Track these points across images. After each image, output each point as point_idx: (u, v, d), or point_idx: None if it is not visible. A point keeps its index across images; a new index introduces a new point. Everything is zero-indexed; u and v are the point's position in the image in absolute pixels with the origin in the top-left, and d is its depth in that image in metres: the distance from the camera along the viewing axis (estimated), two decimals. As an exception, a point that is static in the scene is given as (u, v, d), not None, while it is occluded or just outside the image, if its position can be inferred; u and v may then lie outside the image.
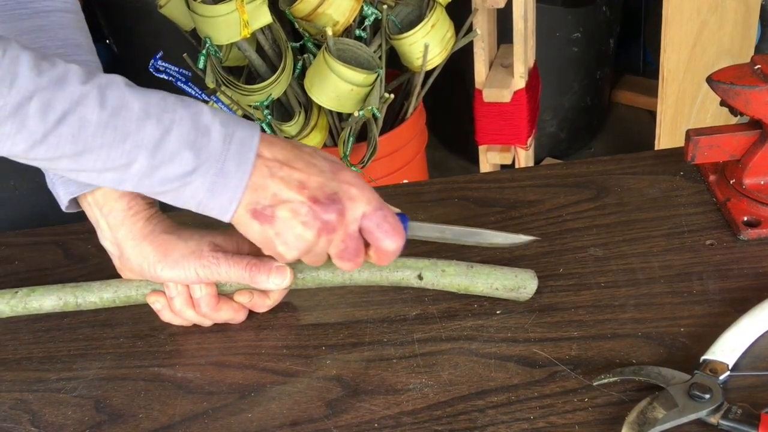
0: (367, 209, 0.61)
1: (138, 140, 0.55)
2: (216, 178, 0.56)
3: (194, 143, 0.56)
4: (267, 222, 0.59)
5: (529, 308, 0.67)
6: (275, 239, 0.60)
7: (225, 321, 0.69)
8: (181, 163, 0.56)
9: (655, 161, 0.81)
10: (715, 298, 0.65)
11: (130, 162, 0.55)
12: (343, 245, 0.61)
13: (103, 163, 0.55)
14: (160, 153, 0.55)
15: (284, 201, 0.58)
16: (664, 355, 0.61)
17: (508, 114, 1.68)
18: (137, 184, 0.57)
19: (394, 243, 0.62)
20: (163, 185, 0.56)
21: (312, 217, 0.59)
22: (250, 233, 0.60)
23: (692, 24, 1.64)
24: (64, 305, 0.70)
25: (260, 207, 0.58)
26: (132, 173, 0.56)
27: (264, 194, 0.58)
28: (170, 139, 0.55)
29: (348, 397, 0.62)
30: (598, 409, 0.57)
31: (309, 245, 0.60)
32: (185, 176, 0.56)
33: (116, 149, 0.54)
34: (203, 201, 0.57)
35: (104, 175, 0.56)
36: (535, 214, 0.77)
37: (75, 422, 0.63)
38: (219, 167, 0.56)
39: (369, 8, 1.42)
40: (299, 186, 0.59)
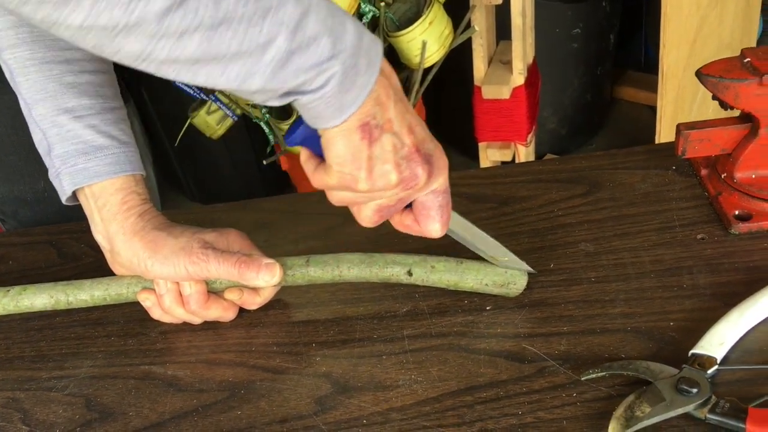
0: (441, 186, 0.60)
1: (279, 18, 0.48)
2: (350, 71, 0.52)
3: (332, 30, 0.51)
4: (368, 140, 0.54)
5: (519, 304, 0.67)
6: (362, 162, 0.55)
7: (215, 319, 0.69)
8: (318, 50, 0.50)
9: (647, 156, 0.81)
10: (706, 292, 0.64)
11: (269, 42, 0.49)
12: (395, 202, 0.59)
13: (239, 42, 0.48)
14: (299, 35, 0.49)
15: (394, 132, 0.55)
16: (654, 350, 0.60)
17: (508, 111, 1.67)
18: (269, 77, 0.50)
19: (440, 231, 0.62)
20: (296, 76, 0.50)
21: (407, 162, 0.56)
22: (341, 144, 0.55)
23: (692, 19, 1.63)
24: (56, 303, 0.70)
25: (373, 123, 0.54)
26: (266, 60, 0.49)
27: (382, 113, 0.55)
28: (309, 21, 0.50)
29: (337, 393, 0.62)
30: (586, 404, 0.57)
31: (385, 186, 0.56)
32: (321, 63, 0.50)
33: (256, 25, 0.48)
34: (328, 94, 0.52)
35: (233, 65, 0.49)
36: (527, 209, 0.77)
37: (66, 420, 0.63)
38: (353, 61, 0.52)
39: (366, 5, 1.42)
40: (409, 128, 0.56)
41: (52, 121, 0.66)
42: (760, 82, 0.66)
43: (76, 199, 0.68)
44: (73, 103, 0.66)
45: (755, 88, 0.66)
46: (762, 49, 0.68)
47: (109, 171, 0.66)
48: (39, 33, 0.66)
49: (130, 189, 0.67)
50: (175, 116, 1.75)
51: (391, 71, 0.56)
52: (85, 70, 0.67)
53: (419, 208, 0.61)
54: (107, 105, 0.68)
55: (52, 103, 0.66)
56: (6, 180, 0.95)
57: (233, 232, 0.68)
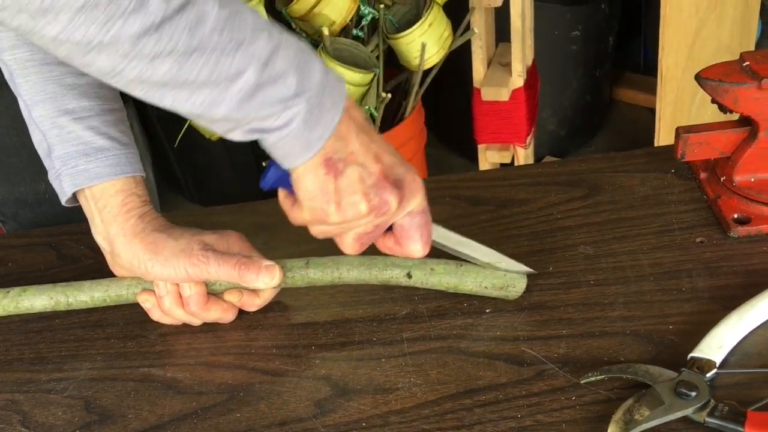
0: (417, 207, 0.61)
1: (251, 51, 0.50)
2: (314, 110, 0.53)
3: (299, 67, 0.52)
4: (333, 174, 0.56)
5: (519, 307, 0.67)
6: (330, 195, 0.57)
7: (214, 320, 0.69)
8: (284, 86, 0.52)
9: (647, 159, 0.81)
10: (704, 295, 0.65)
11: (238, 74, 0.50)
12: (372, 229, 0.60)
13: (210, 71, 0.49)
14: (268, 69, 0.51)
15: (359, 163, 0.57)
16: (653, 353, 0.60)
17: (507, 113, 1.67)
18: (234, 107, 0.51)
19: (422, 251, 0.63)
20: (261, 109, 0.52)
21: (375, 191, 0.57)
22: (309, 180, 0.57)
23: (691, 22, 1.63)
24: (56, 305, 0.70)
25: (336, 157, 0.56)
26: (233, 90, 0.50)
27: (344, 147, 0.56)
28: (279, 58, 0.51)
29: (336, 396, 0.62)
30: (585, 408, 0.57)
31: (356, 216, 0.58)
32: (287, 100, 0.52)
33: (228, 56, 0.49)
34: (293, 132, 0.53)
35: (201, 92, 0.50)
36: (526, 212, 0.77)
37: (65, 423, 0.63)
38: (318, 99, 0.53)
39: (366, 8, 1.42)
40: (375, 157, 0.57)
41: (52, 123, 0.66)
42: (759, 86, 0.66)
43: (75, 200, 0.68)
44: (73, 104, 0.66)
45: (754, 92, 0.67)
46: (761, 52, 0.69)
47: (110, 172, 0.66)
48: None
49: (130, 191, 0.67)
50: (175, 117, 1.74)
51: (352, 105, 0.58)
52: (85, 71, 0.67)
53: (399, 231, 0.62)
54: (107, 106, 0.68)
55: (52, 104, 0.66)
56: (6, 181, 0.95)
57: (233, 234, 0.68)
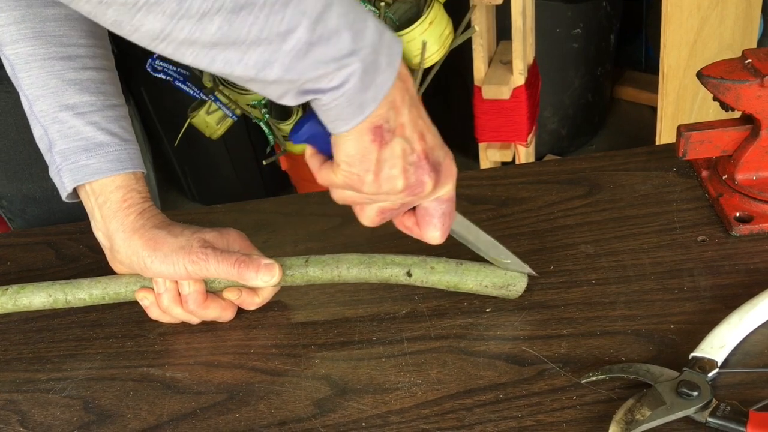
0: (446, 194, 0.60)
1: (301, 7, 0.48)
2: (369, 68, 0.51)
3: (353, 25, 0.50)
4: (378, 143, 0.54)
5: (519, 306, 0.66)
6: (371, 164, 0.55)
7: (213, 318, 0.69)
8: (338, 44, 0.50)
9: (648, 157, 0.80)
10: (706, 294, 0.64)
11: (289, 31, 0.48)
12: (398, 206, 0.59)
13: (260, 28, 0.47)
14: (320, 26, 0.49)
15: (405, 137, 0.55)
16: (654, 353, 0.60)
17: (508, 111, 1.67)
18: (287, 66, 0.49)
19: (440, 238, 0.62)
20: (315, 68, 0.50)
21: (415, 169, 0.56)
22: (351, 144, 0.54)
23: (692, 20, 1.62)
24: (54, 302, 0.70)
25: (386, 126, 0.54)
26: (286, 49, 0.48)
27: (395, 117, 0.54)
28: (331, 14, 0.49)
29: (336, 396, 0.61)
30: (586, 407, 0.57)
31: (391, 190, 0.56)
32: (342, 58, 0.50)
33: (277, 13, 0.47)
34: (349, 92, 0.51)
35: (252, 52, 0.48)
36: (527, 211, 0.77)
37: (63, 422, 0.63)
38: (374, 57, 0.51)
39: (366, 5, 1.41)
40: (420, 135, 0.56)
41: (54, 118, 0.66)
42: (762, 84, 0.66)
43: (76, 195, 0.68)
44: (74, 99, 0.66)
45: (756, 90, 0.66)
46: (763, 50, 0.68)
47: (110, 168, 0.66)
48: (41, 29, 0.66)
49: (130, 186, 0.66)
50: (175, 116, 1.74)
51: (407, 75, 0.56)
52: (87, 66, 0.67)
53: (422, 214, 0.61)
54: (109, 102, 0.68)
55: (54, 99, 0.66)
56: (14, 178, 0.95)
57: (233, 232, 0.68)
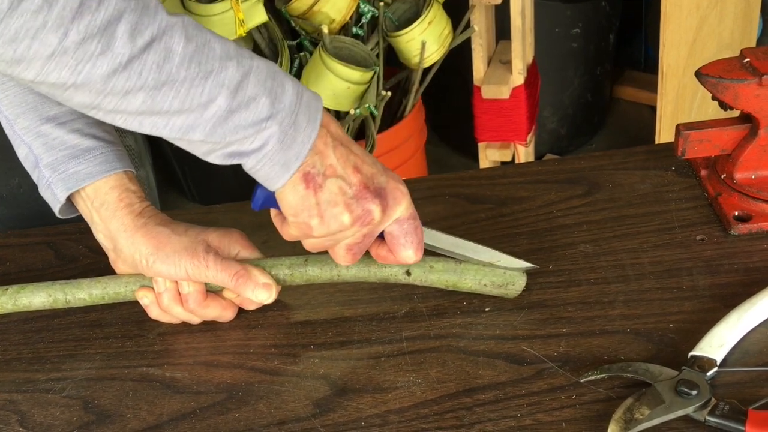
0: (403, 214, 0.62)
1: (220, 79, 0.53)
2: (289, 130, 0.55)
3: (271, 91, 0.55)
4: (313, 189, 0.57)
5: (518, 305, 0.66)
6: (312, 209, 0.58)
7: (213, 318, 0.69)
8: (257, 109, 0.54)
9: (647, 156, 0.80)
10: (705, 293, 0.64)
11: (209, 101, 0.53)
12: (360, 239, 0.61)
13: (181, 101, 0.52)
14: (240, 94, 0.53)
15: (338, 175, 0.58)
16: (653, 352, 0.60)
17: (507, 110, 1.67)
18: (209, 131, 0.54)
19: (414, 256, 0.63)
20: (235, 132, 0.54)
21: (357, 202, 0.58)
22: (290, 197, 0.58)
23: (692, 19, 1.63)
24: (54, 302, 0.70)
25: (314, 172, 0.57)
26: (207, 116, 0.53)
27: (322, 161, 0.57)
28: (249, 83, 0.54)
29: (335, 396, 0.62)
30: (585, 407, 0.57)
31: (340, 227, 0.59)
32: (260, 122, 0.54)
33: (197, 86, 0.52)
34: (270, 153, 0.55)
35: (176, 119, 0.53)
36: (526, 210, 0.77)
37: (63, 423, 0.63)
38: (292, 119, 0.55)
39: (365, 6, 1.41)
40: (354, 168, 0.59)
41: (36, 132, 0.66)
42: (760, 83, 0.66)
43: (70, 209, 0.68)
44: (54, 111, 0.66)
45: (755, 89, 0.66)
46: (762, 49, 0.68)
47: (100, 171, 0.66)
48: None
49: (124, 186, 0.67)
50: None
51: (329, 120, 0.59)
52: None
53: (389, 239, 0.63)
54: None
55: (34, 113, 0.66)
56: None
57: (235, 233, 0.68)
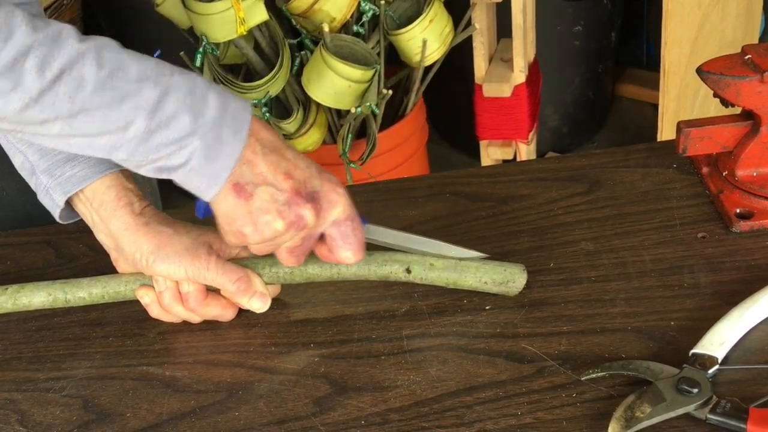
0: (340, 216, 0.62)
1: (136, 102, 0.53)
2: (212, 144, 0.56)
3: (192, 107, 0.55)
4: (244, 198, 0.58)
5: (519, 303, 0.66)
6: (245, 218, 0.59)
7: (214, 317, 0.69)
8: (178, 127, 0.55)
9: (648, 154, 0.80)
10: (706, 291, 0.64)
11: (128, 124, 0.54)
12: (300, 242, 0.62)
13: (100, 126, 0.53)
14: (158, 115, 0.54)
15: (268, 183, 0.58)
16: (654, 350, 0.60)
17: (509, 109, 1.67)
18: (132, 150, 0.55)
19: (354, 257, 0.64)
20: (158, 150, 0.55)
21: (289, 208, 0.59)
22: (222, 206, 0.59)
23: (693, 17, 1.62)
24: (53, 301, 0.70)
25: (243, 181, 0.58)
26: (128, 137, 0.54)
27: (251, 170, 0.58)
28: (168, 102, 0.54)
29: (335, 394, 0.61)
30: (586, 405, 0.57)
31: (274, 234, 0.60)
32: (182, 139, 0.55)
33: (114, 111, 0.53)
34: (195, 168, 0.56)
35: (98, 140, 0.54)
36: (527, 208, 0.76)
37: (63, 422, 0.63)
38: (216, 133, 0.56)
39: (366, 4, 1.41)
40: (285, 174, 0.59)
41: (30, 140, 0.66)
42: (761, 80, 0.66)
43: (70, 213, 0.68)
44: None
45: (756, 86, 0.66)
46: (763, 45, 0.68)
47: (96, 171, 0.66)
48: None
49: (121, 185, 0.67)
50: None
51: (260, 127, 0.59)
52: None
53: (328, 241, 0.64)
54: None
55: None
56: None
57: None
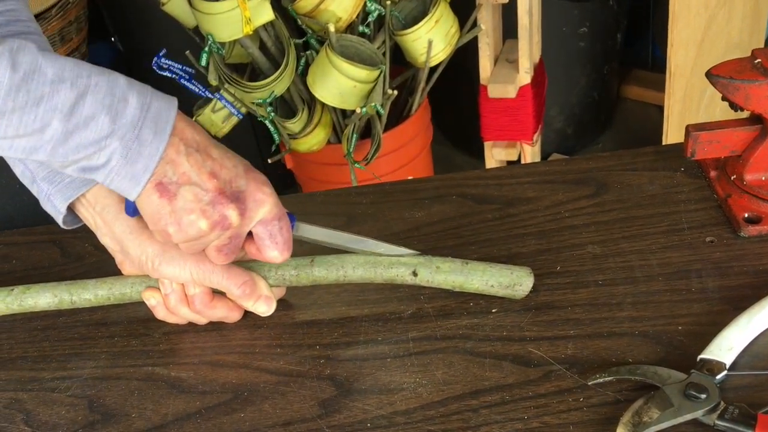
0: (267, 216, 0.62)
1: (52, 104, 0.53)
2: (132, 144, 0.55)
3: (110, 108, 0.55)
4: (167, 197, 0.58)
5: (525, 307, 0.66)
6: (168, 217, 0.59)
7: (220, 319, 0.69)
8: (96, 128, 0.54)
9: (655, 157, 0.80)
10: (714, 296, 0.64)
11: (44, 126, 0.54)
12: (227, 242, 0.62)
13: (15, 128, 0.53)
14: (75, 117, 0.54)
15: (192, 183, 0.58)
16: (661, 354, 0.60)
17: (514, 110, 1.66)
18: (51, 152, 0.55)
19: (280, 257, 0.64)
20: (77, 152, 0.55)
21: (213, 208, 0.59)
22: (146, 206, 0.59)
23: (700, 19, 1.62)
24: (59, 302, 0.70)
25: (167, 181, 0.58)
26: (45, 139, 0.54)
27: (174, 170, 0.58)
28: (86, 103, 0.54)
29: (341, 396, 0.61)
30: (593, 409, 0.57)
31: (199, 234, 0.60)
32: (101, 140, 0.55)
33: (29, 113, 0.53)
34: (116, 168, 0.56)
35: (17, 142, 0.54)
36: (534, 210, 0.76)
37: (68, 422, 0.63)
38: (136, 134, 0.55)
39: (372, 4, 1.41)
40: (210, 174, 0.59)
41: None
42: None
43: (73, 219, 0.68)
44: None
45: (766, 90, 0.66)
46: (773, 49, 0.67)
47: None
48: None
49: None
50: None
51: (184, 126, 0.59)
52: None
53: (256, 239, 0.64)
54: None
55: None
56: None
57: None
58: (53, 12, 1.58)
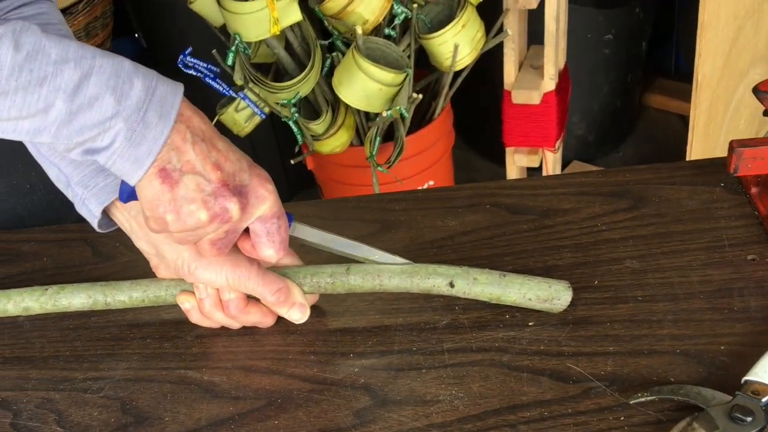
0: (267, 213, 0.61)
1: (56, 84, 0.52)
2: (137, 126, 0.54)
3: (115, 89, 0.54)
4: (168, 184, 0.56)
5: (563, 321, 0.65)
6: (168, 205, 0.57)
7: (254, 324, 0.68)
8: (101, 108, 0.53)
9: (694, 171, 0.79)
10: (757, 315, 0.63)
11: (48, 107, 0.53)
12: (223, 236, 0.60)
13: (19, 109, 0.52)
14: (80, 97, 0.53)
15: (195, 172, 0.57)
16: (704, 374, 0.59)
17: (537, 116, 1.65)
18: (55, 133, 0.54)
19: (275, 256, 0.63)
20: (81, 133, 0.54)
21: (214, 199, 0.58)
22: (146, 191, 0.57)
23: (729, 29, 1.60)
24: (93, 304, 0.69)
25: (170, 167, 0.56)
26: (50, 120, 0.53)
27: (179, 157, 0.56)
28: (90, 84, 0.53)
29: (376, 406, 0.61)
30: (634, 429, 0.56)
31: (197, 224, 0.58)
32: (105, 121, 0.54)
33: (32, 93, 0.52)
34: (119, 150, 0.55)
35: (21, 124, 0.54)
36: (570, 222, 0.75)
37: (101, 423, 0.62)
38: (141, 115, 0.54)
39: (399, 7, 1.40)
40: (214, 165, 0.58)
41: (62, 153, 0.65)
42: (819, 101, 0.64)
43: (108, 223, 0.68)
44: None
45: (814, 107, 0.65)
46: (821, 66, 0.66)
47: None
48: None
49: None
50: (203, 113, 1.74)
51: (191, 113, 0.58)
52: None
53: (252, 236, 0.63)
54: None
55: None
56: None
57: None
58: (80, 7, 1.59)
